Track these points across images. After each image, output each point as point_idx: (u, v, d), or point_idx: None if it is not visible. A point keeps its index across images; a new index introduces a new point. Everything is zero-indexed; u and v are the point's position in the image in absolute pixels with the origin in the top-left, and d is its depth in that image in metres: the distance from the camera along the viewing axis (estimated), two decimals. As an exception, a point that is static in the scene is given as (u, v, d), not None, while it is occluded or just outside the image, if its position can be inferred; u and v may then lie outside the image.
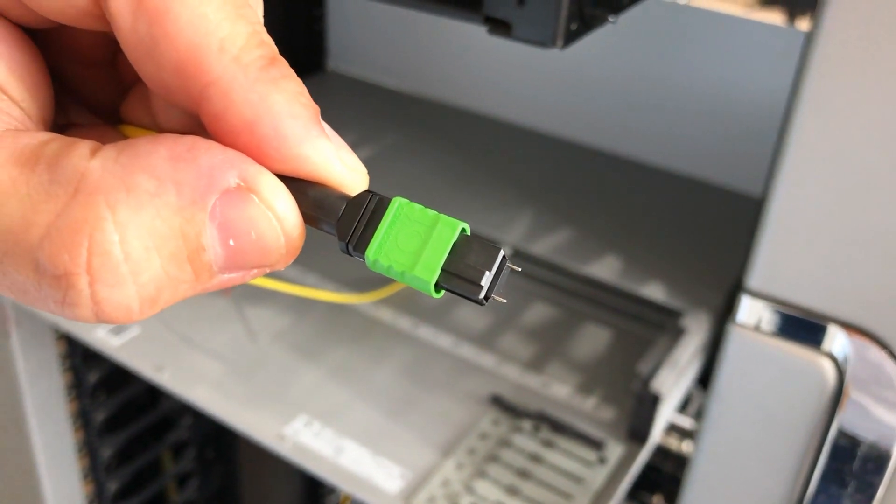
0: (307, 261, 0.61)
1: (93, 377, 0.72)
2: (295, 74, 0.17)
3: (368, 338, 0.57)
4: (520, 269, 0.18)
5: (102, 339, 0.55)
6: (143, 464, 0.78)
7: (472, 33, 0.75)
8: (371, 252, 0.17)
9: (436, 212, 0.17)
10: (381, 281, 0.60)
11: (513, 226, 0.62)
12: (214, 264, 0.16)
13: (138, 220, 0.15)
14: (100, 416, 0.73)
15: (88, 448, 0.75)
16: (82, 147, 0.15)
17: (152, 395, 0.79)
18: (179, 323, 0.57)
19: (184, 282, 0.16)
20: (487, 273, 0.16)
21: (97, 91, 0.21)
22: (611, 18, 0.32)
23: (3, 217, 0.15)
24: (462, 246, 0.17)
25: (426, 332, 0.57)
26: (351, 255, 0.17)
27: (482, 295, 0.17)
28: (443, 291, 0.17)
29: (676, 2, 0.64)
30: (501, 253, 0.17)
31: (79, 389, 0.73)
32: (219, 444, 0.84)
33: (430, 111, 0.78)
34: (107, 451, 0.75)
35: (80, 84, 0.21)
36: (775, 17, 0.62)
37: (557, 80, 0.72)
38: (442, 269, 0.16)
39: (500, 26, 0.32)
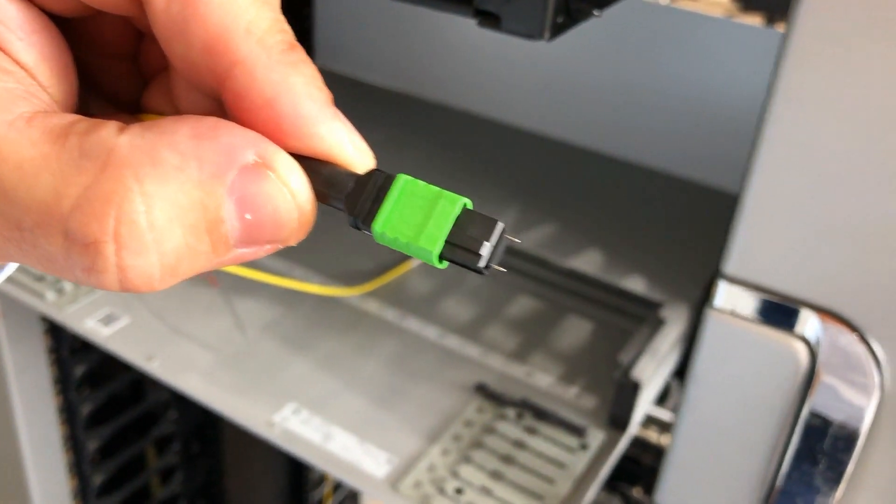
0: (295, 255, 0.62)
1: (79, 370, 0.72)
2: (311, 61, 0.18)
3: (356, 329, 0.58)
4: (519, 241, 0.19)
5: (93, 329, 0.55)
6: (129, 457, 0.78)
7: (459, 31, 0.76)
8: (378, 225, 0.18)
9: (438, 188, 0.18)
10: (367, 274, 0.62)
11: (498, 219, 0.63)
12: (231, 237, 0.17)
13: (163, 192, 0.16)
14: (85, 410, 0.74)
15: (74, 442, 0.76)
16: (110, 125, 0.16)
17: (138, 388, 0.79)
18: (169, 313, 0.57)
19: (202, 253, 0.17)
20: (487, 243, 0.17)
21: (118, 83, 0.22)
22: (595, 12, 0.33)
23: (36, 189, 0.16)
24: (463, 219, 0.18)
25: (413, 324, 0.58)
26: (360, 228, 0.18)
27: (482, 264, 0.18)
28: (446, 262, 0.18)
29: (659, 3, 0.65)
30: (501, 225, 0.18)
31: (65, 383, 0.73)
32: (204, 437, 0.85)
33: (416, 109, 0.80)
34: (92, 445, 0.75)
35: (101, 76, 0.21)
36: (755, 20, 0.64)
37: (543, 80, 0.74)
38: (445, 241, 0.18)
39: (489, 19, 0.33)
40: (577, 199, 0.67)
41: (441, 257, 0.18)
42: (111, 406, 0.76)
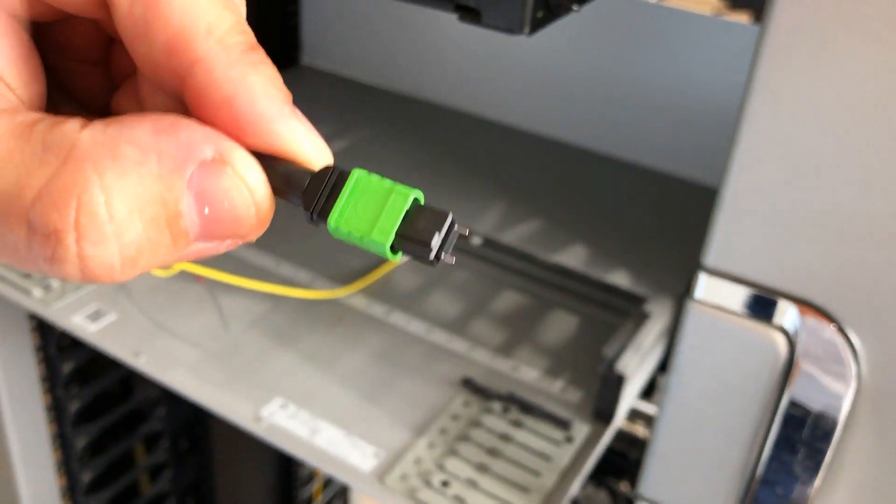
0: (282, 251, 0.62)
1: (66, 368, 0.72)
2: (271, 62, 0.18)
3: (343, 324, 0.58)
4: (467, 233, 0.19)
5: (80, 324, 0.56)
6: (117, 455, 0.79)
7: (444, 29, 0.76)
8: (332, 220, 0.18)
9: (391, 182, 0.18)
10: (354, 270, 0.62)
11: (484, 216, 0.64)
12: (191, 231, 0.17)
13: (123, 184, 0.16)
14: (73, 408, 0.74)
15: (62, 440, 0.76)
16: (73, 121, 0.17)
17: (126, 386, 0.79)
18: (156, 309, 0.58)
19: (162, 246, 0.17)
20: (437, 235, 0.18)
21: (89, 88, 0.22)
22: (575, 7, 0.34)
23: (0, 182, 0.16)
24: (414, 212, 0.18)
25: (399, 319, 0.58)
26: (315, 223, 0.19)
27: (432, 256, 0.18)
28: (399, 254, 0.18)
29: (647, 0, 0.66)
30: (450, 217, 0.18)
31: (52, 381, 0.73)
32: (193, 435, 0.85)
33: (402, 106, 0.80)
34: (80, 443, 0.75)
35: (73, 81, 0.22)
36: (742, 17, 0.65)
37: (528, 77, 0.74)
38: (396, 234, 0.18)
39: (470, 14, 0.33)
40: (563, 195, 0.68)
41: (393, 249, 0.18)
42: (99, 404, 0.76)
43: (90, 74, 0.22)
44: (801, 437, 0.38)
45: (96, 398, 0.75)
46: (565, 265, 0.59)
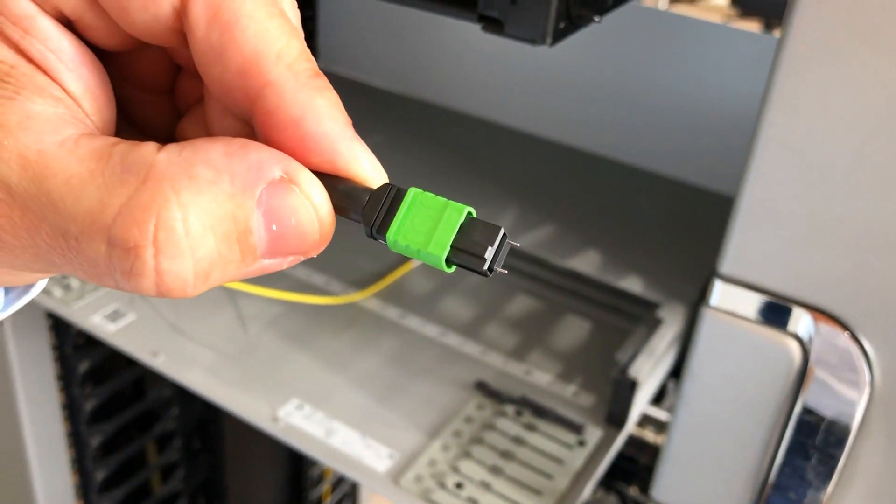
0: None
1: (82, 367, 0.73)
2: (333, 88, 0.20)
3: (358, 327, 0.58)
4: (518, 245, 0.20)
5: (99, 324, 0.56)
6: (131, 454, 0.79)
7: (460, 36, 0.77)
8: (391, 234, 0.19)
9: (445, 199, 0.20)
10: (369, 272, 0.62)
11: (498, 221, 0.64)
12: (259, 247, 0.18)
13: (198, 202, 0.17)
14: (88, 407, 0.74)
15: (76, 438, 0.76)
16: (149, 145, 0.18)
17: (139, 386, 0.80)
18: (173, 310, 0.58)
19: (232, 261, 0.18)
20: (490, 248, 0.19)
21: (152, 116, 0.23)
22: (596, 18, 0.34)
23: (83, 201, 0.17)
24: (468, 226, 0.19)
25: (413, 322, 0.59)
26: (374, 237, 0.20)
27: (486, 267, 0.19)
28: (454, 266, 0.19)
29: (658, 8, 0.66)
30: (502, 231, 0.19)
31: (68, 380, 0.74)
32: (205, 434, 0.86)
33: (417, 111, 0.81)
34: (94, 441, 0.76)
35: (136, 108, 0.23)
36: (753, 25, 0.65)
37: (543, 83, 0.75)
38: (451, 246, 0.19)
39: (493, 24, 0.34)
40: (576, 201, 0.68)
41: (448, 262, 0.19)
42: (113, 403, 0.77)
43: (154, 103, 0.23)
44: (814, 443, 0.38)
45: (110, 397, 0.76)
46: (578, 270, 0.60)
